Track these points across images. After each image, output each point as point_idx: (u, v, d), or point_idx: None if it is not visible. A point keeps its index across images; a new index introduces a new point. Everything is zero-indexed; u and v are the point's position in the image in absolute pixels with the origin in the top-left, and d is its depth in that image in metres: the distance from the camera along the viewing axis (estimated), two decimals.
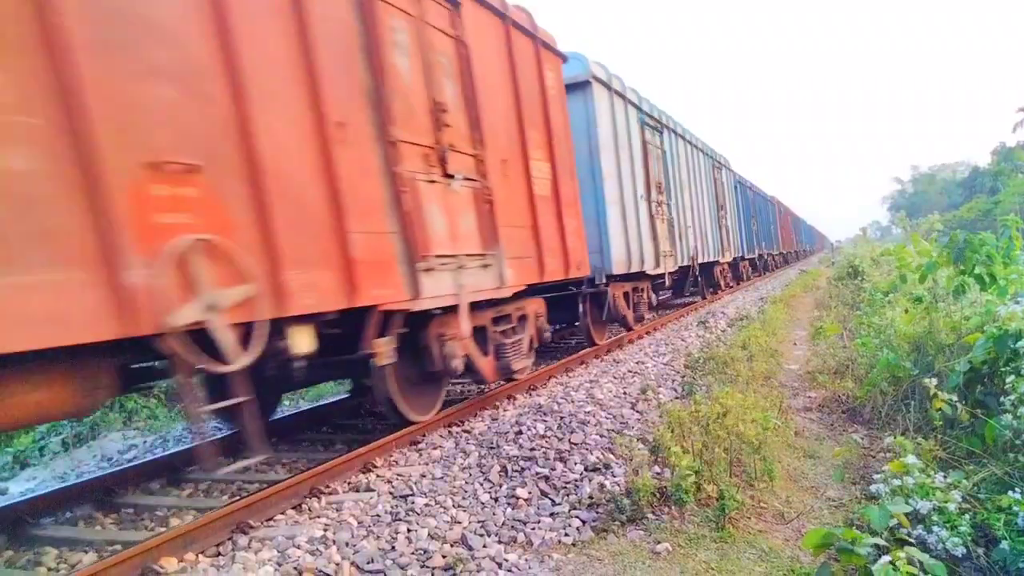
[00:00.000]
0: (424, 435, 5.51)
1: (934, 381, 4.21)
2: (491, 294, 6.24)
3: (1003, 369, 4.12)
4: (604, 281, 9.39)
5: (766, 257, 29.56)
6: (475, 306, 5.99)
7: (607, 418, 5.51)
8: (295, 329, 4.19)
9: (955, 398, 4.11)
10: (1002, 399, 3.94)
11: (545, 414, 5.59)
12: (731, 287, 19.90)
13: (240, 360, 3.66)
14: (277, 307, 3.88)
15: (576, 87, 9.33)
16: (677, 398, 6.21)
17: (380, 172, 4.87)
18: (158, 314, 3.23)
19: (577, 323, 10.03)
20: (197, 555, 3.52)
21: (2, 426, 3.34)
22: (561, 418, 5.42)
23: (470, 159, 6.08)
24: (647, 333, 11.18)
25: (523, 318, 7.21)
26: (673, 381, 7.10)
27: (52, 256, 2.89)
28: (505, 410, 6.27)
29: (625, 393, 6.50)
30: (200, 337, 3.47)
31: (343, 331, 4.73)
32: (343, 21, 4.69)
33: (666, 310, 15.34)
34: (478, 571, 3.16)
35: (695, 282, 15.68)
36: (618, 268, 9.62)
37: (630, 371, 7.72)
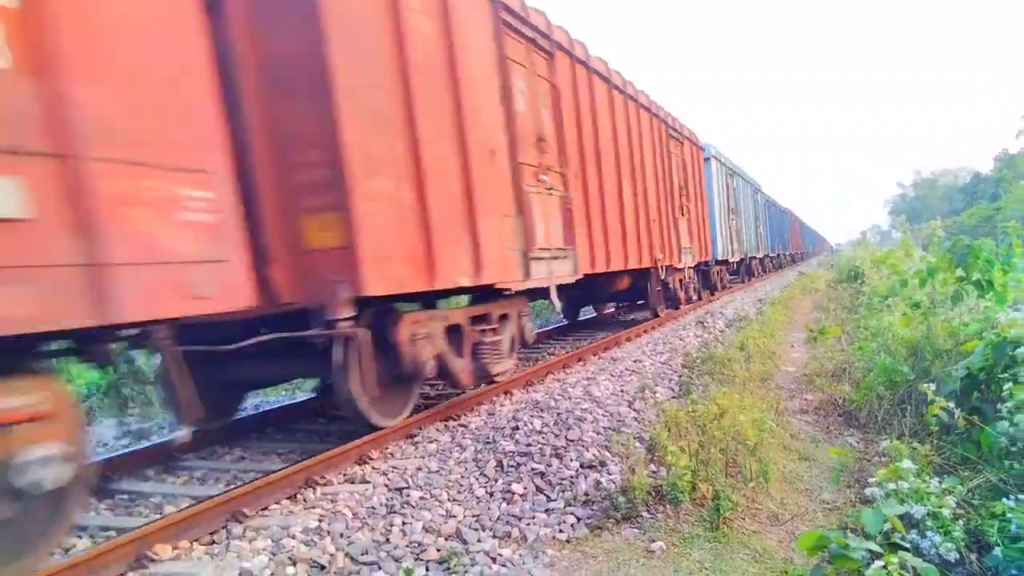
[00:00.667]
0: (420, 428, 5.51)
1: (932, 387, 4.22)
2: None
3: (1000, 376, 4.13)
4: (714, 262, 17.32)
5: (782, 256, 38.37)
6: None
7: (604, 416, 5.51)
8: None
9: (952, 404, 4.12)
10: (999, 406, 3.95)
11: (542, 410, 5.59)
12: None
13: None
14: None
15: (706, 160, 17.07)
16: (674, 397, 6.21)
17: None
18: None
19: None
20: (192, 543, 3.53)
21: None
22: (558, 414, 5.43)
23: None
24: (645, 332, 11.20)
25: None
26: (670, 380, 7.11)
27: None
28: (502, 405, 6.28)
29: (622, 391, 6.50)
30: None
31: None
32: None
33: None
34: (472, 565, 3.17)
35: (748, 269, 24.13)
36: (722, 256, 17.87)
37: (628, 369, 7.72)
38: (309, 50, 4.33)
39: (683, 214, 13.83)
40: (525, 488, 4.10)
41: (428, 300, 6.04)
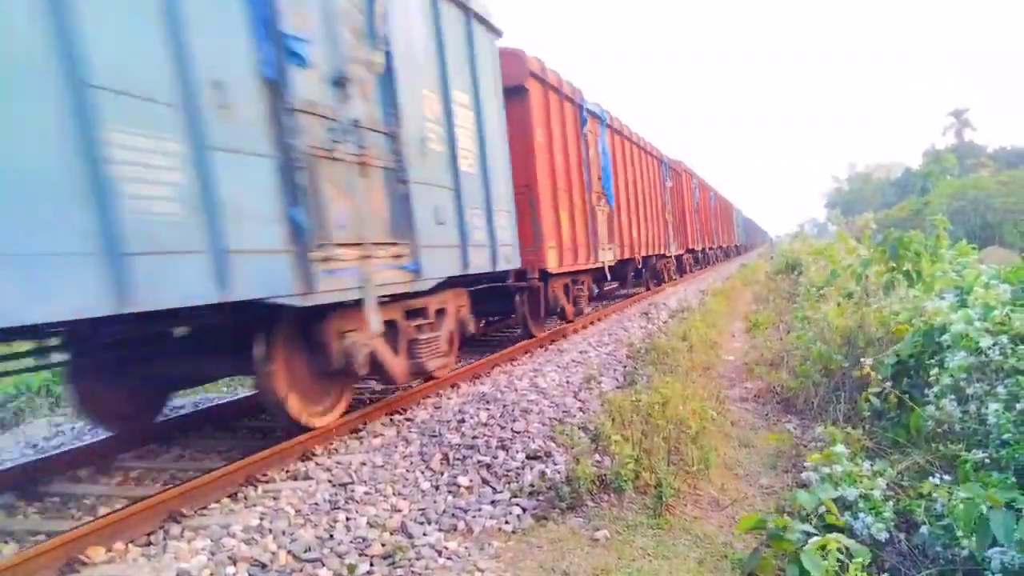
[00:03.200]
0: (365, 424, 5.45)
1: (869, 361, 4.40)
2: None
3: (928, 362, 4.30)
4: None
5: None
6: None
7: (550, 407, 5.55)
8: None
9: (889, 384, 4.28)
10: (926, 391, 4.12)
11: (488, 402, 5.59)
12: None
13: None
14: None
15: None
16: (619, 387, 6.29)
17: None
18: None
19: None
20: (127, 545, 3.41)
21: None
22: (504, 406, 5.44)
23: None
24: (591, 323, 11.30)
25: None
26: (615, 371, 7.20)
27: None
28: (448, 398, 6.26)
29: (568, 382, 6.55)
30: None
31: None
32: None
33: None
34: (417, 559, 3.15)
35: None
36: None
37: (574, 360, 7.78)
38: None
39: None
40: (471, 481, 4.10)
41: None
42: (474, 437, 4.79)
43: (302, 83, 4.34)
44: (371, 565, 3.14)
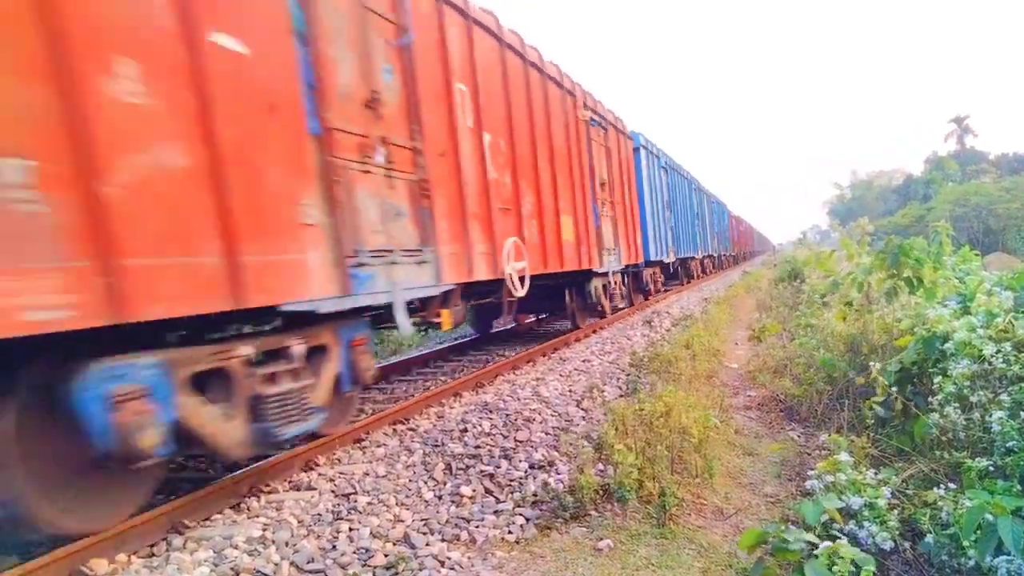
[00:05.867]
0: (368, 433, 5.44)
1: (877, 366, 4.38)
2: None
3: (931, 370, 4.29)
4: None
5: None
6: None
7: (552, 416, 5.54)
8: None
9: (895, 391, 4.27)
10: (930, 399, 4.10)
11: (491, 411, 5.59)
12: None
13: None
14: None
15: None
16: (622, 396, 6.27)
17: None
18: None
19: None
20: (129, 556, 3.41)
21: None
22: (507, 416, 5.43)
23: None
24: (594, 332, 11.30)
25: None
26: (618, 379, 7.18)
27: None
28: (451, 408, 6.25)
29: (571, 391, 6.54)
30: None
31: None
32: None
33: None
34: (420, 569, 3.14)
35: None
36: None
37: (576, 369, 7.78)
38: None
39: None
40: (474, 490, 4.09)
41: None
42: (477, 446, 4.78)
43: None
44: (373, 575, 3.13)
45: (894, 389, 4.30)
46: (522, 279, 7.67)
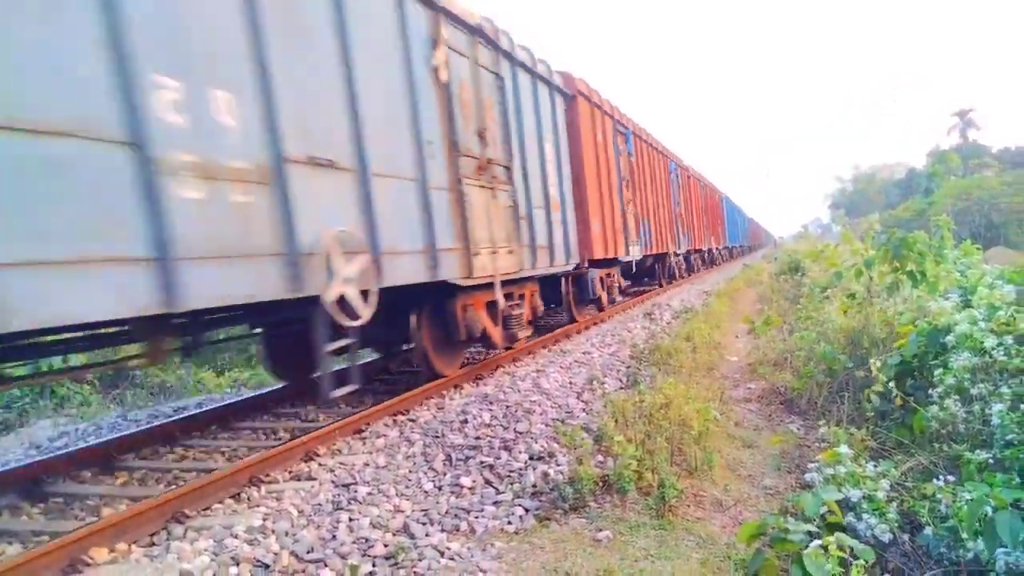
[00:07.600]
0: (368, 424, 5.45)
1: (877, 363, 4.38)
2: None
3: (932, 363, 4.28)
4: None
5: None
6: None
7: (553, 408, 5.54)
8: None
9: (892, 385, 4.26)
10: (930, 391, 4.10)
11: (491, 403, 5.59)
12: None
13: None
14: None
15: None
16: (622, 388, 6.28)
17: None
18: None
19: None
20: (130, 545, 3.42)
21: None
22: (507, 407, 5.43)
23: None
24: (594, 324, 11.30)
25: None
26: (618, 371, 7.18)
27: None
28: (451, 399, 6.26)
29: (571, 383, 6.55)
30: None
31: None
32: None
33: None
34: (420, 559, 3.15)
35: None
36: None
37: (577, 361, 7.77)
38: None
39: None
40: (474, 481, 4.10)
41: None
42: (477, 438, 4.78)
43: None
44: (373, 566, 3.13)
45: (892, 384, 4.29)
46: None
